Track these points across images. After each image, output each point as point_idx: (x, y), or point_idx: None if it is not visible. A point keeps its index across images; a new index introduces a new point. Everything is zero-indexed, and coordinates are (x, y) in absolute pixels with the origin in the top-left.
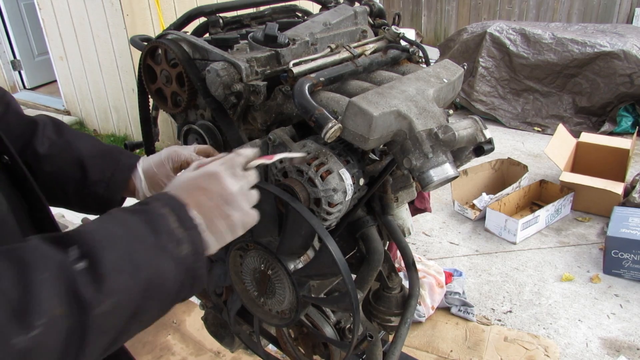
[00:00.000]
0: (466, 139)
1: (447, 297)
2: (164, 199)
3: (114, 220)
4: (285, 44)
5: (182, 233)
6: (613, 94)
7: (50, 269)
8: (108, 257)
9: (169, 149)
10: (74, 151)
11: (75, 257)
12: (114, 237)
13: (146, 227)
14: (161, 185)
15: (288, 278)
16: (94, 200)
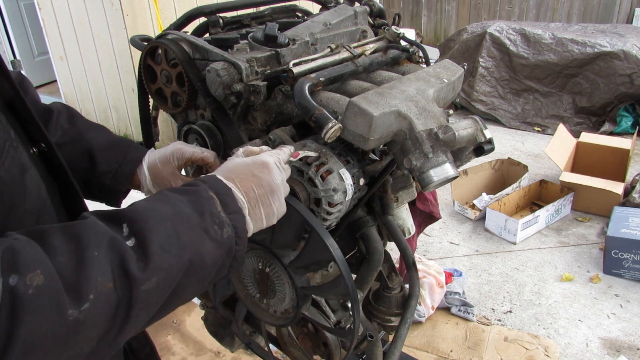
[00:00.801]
0: (466, 139)
1: (447, 297)
2: (211, 182)
3: (163, 200)
4: (285, 44)
5: (225, 217)
6: (613, 94)
7: (103, 246)
8: (155, 237)
9: (174, 147)
10: (85, 141)
11: (126, 234)
12: (162, 217)
13: (192, 208)
14: (165, 183)
15: (285, 272)
16: (99, 190)
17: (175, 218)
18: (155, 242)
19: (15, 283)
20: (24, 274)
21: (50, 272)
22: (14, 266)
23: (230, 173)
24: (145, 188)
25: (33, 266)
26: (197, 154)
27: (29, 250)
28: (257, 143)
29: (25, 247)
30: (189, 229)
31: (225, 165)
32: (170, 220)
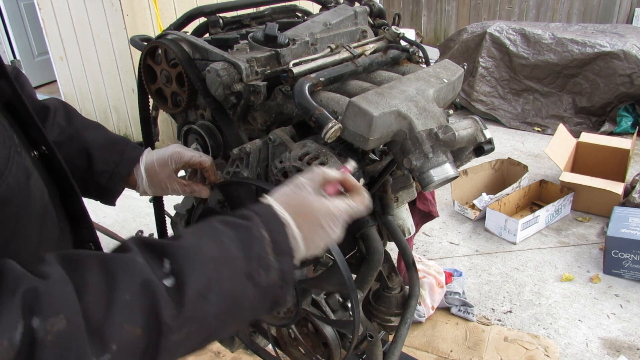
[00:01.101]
0: (466, 139)
1: (447, 297)
2: (266, 215)
3: (212, 235)
4: (285, 44)
5: (274, 260)
6: (613, 94)
7: (136, 289)
8: (195, 282)
9: (172, 150)
10: (82, 140)
11: (166, 271)
12: (207, 258)
13: (240, 248)
14: (162, 185)
15: None
16: (95, 189)
17: (219, 261)
18: (193, 287)
19: (37, 327)
20: (46, 317)
21: (74, 317)
22: (34, 308)
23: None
24: (141, 189)
25: (57, 309)
26: (195, 158)
27: (57, 290)
28: (257, 143)
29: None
30: (232, 275)
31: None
32: (214, 262)
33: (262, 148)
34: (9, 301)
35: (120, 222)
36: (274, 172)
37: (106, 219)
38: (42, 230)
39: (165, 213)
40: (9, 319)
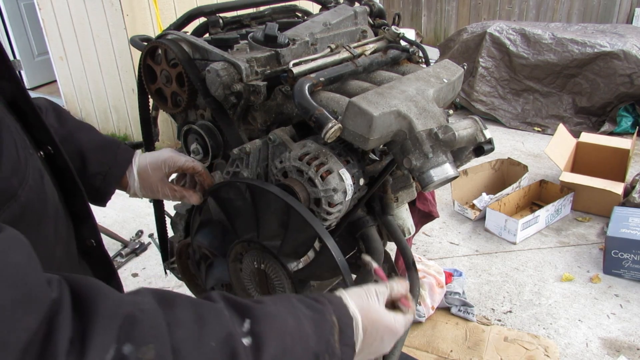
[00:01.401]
0: (466, 139)
1: (447, 297)
2: (337, 305)
3: (291, 310)
4: (285, 44)
5: (339, 348)
6: (613, 94)
7: (221, 339)
8: (271, 348)
9: (167, 155)
10: (76, 142)
11: (245, 330)
12: (285, 329)
13: (313, 329)
14: (153, 188)
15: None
16: (89, 191)
17: (295, 335)
18: (271, 352)
19: (128, 354)
20: (139, 345)
21: (163, 349)
22: (129, 335)
23: (367, 316)
24: (132, 190)
25: (148, 340)
26: (189, 163)
27: (152, 319)
28: (257, 143)
29: (146, 316)
30: (303, 351)
31: (367, 302)
32: (290, 335)
33: (262, 148)
34: (107, 324)
35: (120, 222)
36: (274, 172)
37: (106, 219)
38: (55, 231)
39: (165, 213)
40: (104, 341)
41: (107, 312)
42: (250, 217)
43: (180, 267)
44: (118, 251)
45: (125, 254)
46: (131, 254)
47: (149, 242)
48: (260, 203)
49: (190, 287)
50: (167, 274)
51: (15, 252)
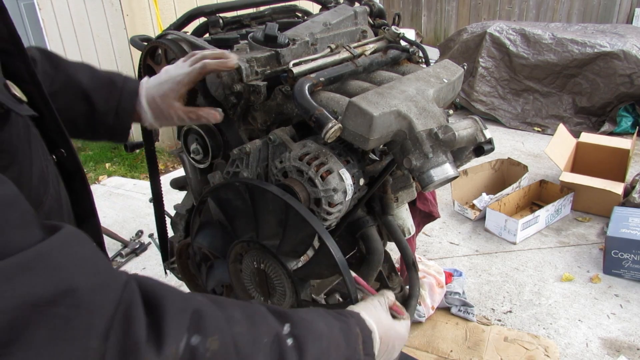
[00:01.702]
0: (466, 139)
1: (447, 297)
2: (357, 318)
3: (321, 318)
4: (285, 44)
5: (362, 356)
6: (613, 94)
7: (271, 337)
8: (312, 349)
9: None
10: (76, 85)
11: (286, 332)
12: (321, 333)
13: (343, 337)
14: (167, 117)
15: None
16: (105, 130)
17: (330, 339)
18: (312, 353)
19: (197, 344)
20: (205, 336)
21: (226, 340)
22: (198, 327)
23: (382, 326)
24: (147, 122)
25: (213, 331)
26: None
27: (214, 314)
28: (257, 143)
29: (210, 311)
30: (337, 355)
31: (379, 314)
32: (326, 339)
33: (262, 148)
34: (179, 316)
35: (120, 222)
36: (274, 172)
37: (106, 219)
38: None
39: (165, 213)
40: (177, 331)
41: (177, 306)
42: (249, 217)
43: (180, 267)
44: (118, 251)
45: (125, 254)
46: (131, 254)
47: (149, 242)
48: (259, 203)
49: (190, 287)
50: (167, 274)
51: (84, 245)
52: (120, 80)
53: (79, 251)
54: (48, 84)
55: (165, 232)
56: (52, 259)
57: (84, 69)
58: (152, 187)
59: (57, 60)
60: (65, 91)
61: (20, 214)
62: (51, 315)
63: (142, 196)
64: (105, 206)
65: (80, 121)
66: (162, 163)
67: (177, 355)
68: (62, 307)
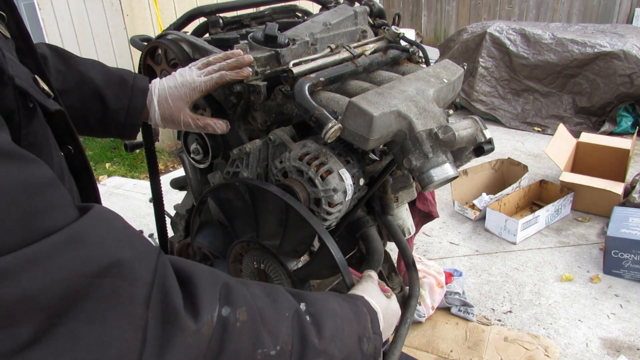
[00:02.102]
0: (466, 139)
1: (447, 297)
2: (364, 302)
3: (332, 298)
4: (285, 44)
5: (372, 334)
6: (613, 94)
7: (292, 311)
8: (328, 325)
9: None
10: (89, 82)
11: (304, 310)
12: (335, 311)
13: (354, 315)
14: (173, 119)
15: (276, 260)
16: (115, 127)
17: (343, 317)
18: (329, 328)
19: (227, 314)
20: (235, 307)
21: (252, 312)
22: (227, 299)
23: (380, 305)
24: (153, 121)
25: (241, 303)
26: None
27: (239, 288)
28: (257, 143)
29: (236, 285)
30: (350, 332)
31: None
32: (340, 317)
33: (262, 148)
34: (211, 289)
35: None
36: (274, 172)
37: None
38: None
39: (165, 213)
40: (211, 302)
41: (207, 279)
42: (249, 217)
43: None
44: None
45: None
46: None
47: None
48: (259, 203)
49: None
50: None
51: (117, 221)
52: (131, 78)
53: (115, 225)
54: (60, 81)
55: (165, 232)
56: (96, 233)
57: (95, 67)
58: (152, 187)
59: (68, 57)
60: (78, 89)
61: (62, 194)
62: (99, 286)
63: (142, 196)
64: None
65: (92, 118)
66: (162, 163)
67: (212, 324)
68: (108, 277)
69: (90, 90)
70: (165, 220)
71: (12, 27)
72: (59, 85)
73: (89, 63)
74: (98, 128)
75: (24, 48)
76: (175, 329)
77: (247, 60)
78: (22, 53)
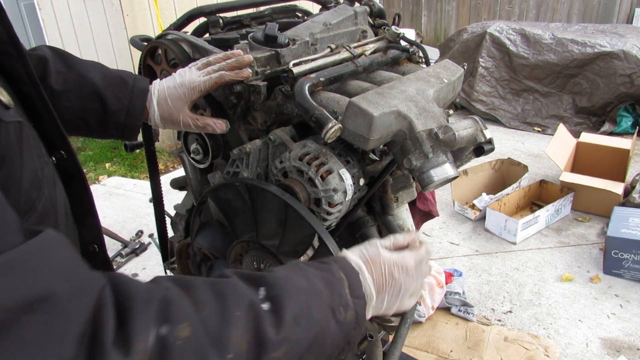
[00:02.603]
0: (466, 139)
1: (447, 297)
2: (341, 263)
3: (299, 272)
4: (285, 44)
5: (351, 300)
6: (613, 94)
7: (243, 307)
8: (290, 307)
9: (183, 84)
10: (89, 83)
11: (262, 297)
12: (298, 289)
13: (325, 285)
14: (173, 119)
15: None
16: (116, 129)
17: (309, 292)
18: (289, 311)
19: (166, 334)
20: (174, 325)
21: (196, 326)
22: (166, 317)
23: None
24: (153, 122)
25: (182, 318)
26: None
27: (181, 300)
28: (257, 143)
29: (177, 298)
30: (319, 306)
31: (366, 250)
32: (305, 294)
33: (262, 148)
34: (144, 309)
35: (121, 222)
36: (274, 172)
37: (106, 219)
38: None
39: (165, 213)
40: (145, 324)
41: (142, 298)
42: (249, 217)
43: (180, 267)
44: (118, 251)
45: (125, 254)
46: (131, 254)
47: (149, 242)
48: (259, 203)
49: None
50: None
51: (61, 250)
52: (131, 79)
53: (56, 255)
54: (60, 82)
55: (165, 232)
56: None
57: (95, 68)
58: (152, 187)
59: (69, 58)
60: (78, 90)
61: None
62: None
63: (142, 196)
64: (105, 206)
65: (92, 119)
66: (162, 163)
67: (146, 350)
68: (38, 312)
69: (89, 91)
70: (165, 220)
71: (0, 32)
72: (59, 86)
73: (89, 64)
74: (98, 129)
75: (13, 53)
76: None
77: (246, 60)
78: (12, 58)
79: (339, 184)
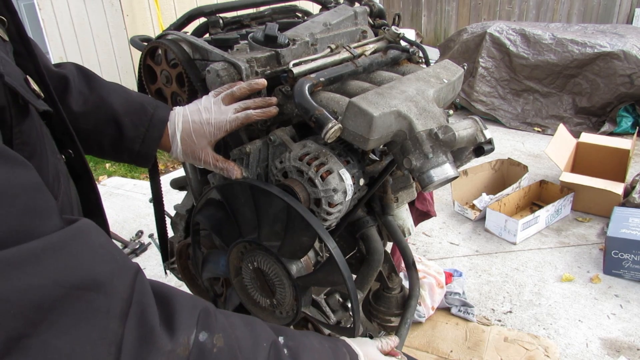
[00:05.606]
0: (466, 139)
1: (447, 298)
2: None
3: (312, 336)
4: (285, 44)
5: None
6: (613, 94)
7: (269, 343)
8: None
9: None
10: (108, 108)
11: (282, 343)
12: (313, 348)
13: (332, 353)
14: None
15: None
16: (129, 155)
17: (321, 353)
18: None
19: (204, 339)
20: (212, 333)
21: (229, 339)
22: (205, 324)
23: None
24: (174, 155)
25: (219, 329)
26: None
27: (218, 315)
28: (257, 143)
29: (215, 312)
30: None
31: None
32: (318, 353)
33: (262, 148)
34: (189, 313)
35: (121, 222)
36: (274, 172)
37: None
38: None
39: (165, 213)
40: (189, 324)
41: (187, 303)
42: (249, 217)
43: (180, 267)
44: None
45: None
46: (131, 254)
47: (149, 242)
48: (259, 203)
49: (190, 288)
50: (167, 274)
51: (99, 235)
52: (151, 107)
53: (95, 240)
54: (81, 102)
55: (165, 232)
56: (76, 245)
57: (117, 92)
58: (152, 187)
59: (92, 79)
60: (97, 113)
61: (46, 200)
62: (75, 297)
63: (142, 196)
64: (105, 206)
65: (107, 143)
66: (162, 163)
67: (188, 345)
68: (85, 290)
69: (108, 115)
70: (165, 220)
71: (12, 31)
72: (78, 108)
73: (112, 87)
74: (111, 153)
75: (23, 51)
76: (150, 346)
77: (273, 100)
78: (21, 56)
79: (339, 184)
